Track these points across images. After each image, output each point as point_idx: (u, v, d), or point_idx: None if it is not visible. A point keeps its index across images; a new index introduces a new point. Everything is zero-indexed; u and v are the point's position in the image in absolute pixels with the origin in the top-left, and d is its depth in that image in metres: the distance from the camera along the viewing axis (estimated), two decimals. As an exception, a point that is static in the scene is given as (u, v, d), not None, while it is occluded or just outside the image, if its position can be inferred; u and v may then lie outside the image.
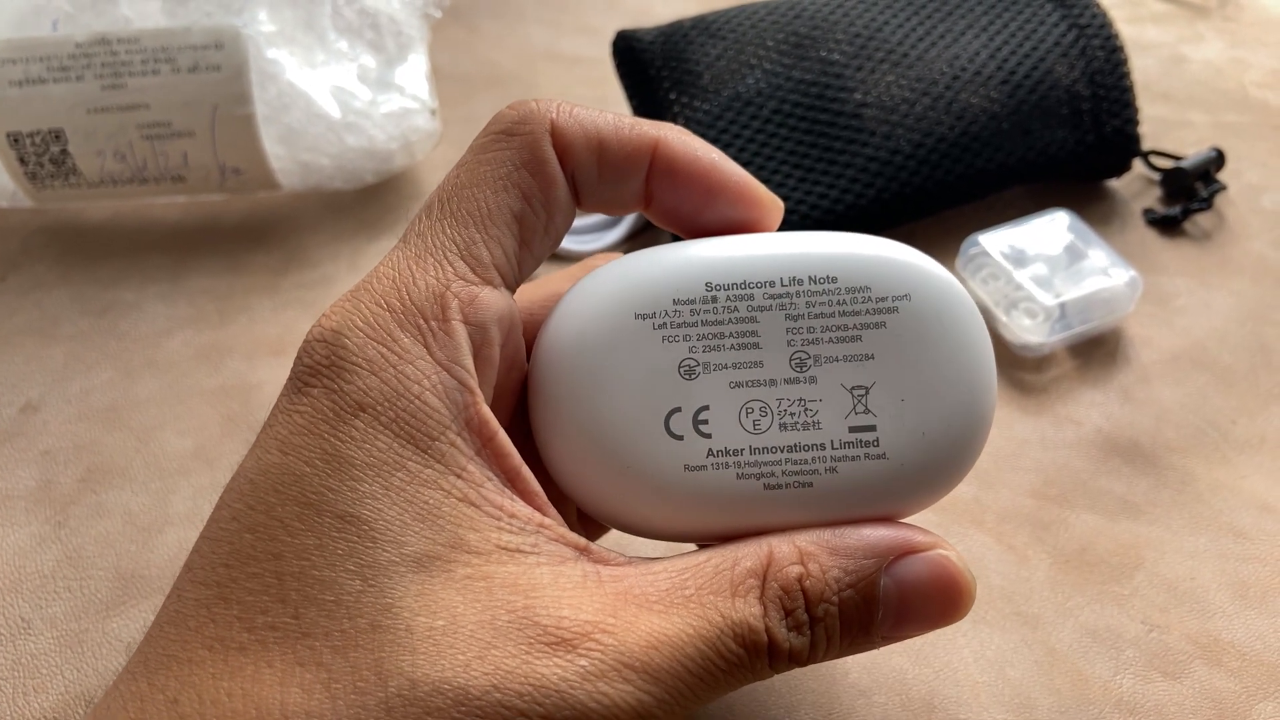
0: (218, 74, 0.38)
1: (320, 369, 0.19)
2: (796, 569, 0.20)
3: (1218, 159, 0.44)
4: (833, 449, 0.21)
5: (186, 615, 0.18)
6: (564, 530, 0.20)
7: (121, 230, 0.43)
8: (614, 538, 0.31)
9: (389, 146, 0.42)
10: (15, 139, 0.38)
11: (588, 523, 0.27)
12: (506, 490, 0.19)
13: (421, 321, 0.20)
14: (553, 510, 0.20)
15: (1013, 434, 0.35)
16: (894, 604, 0.20)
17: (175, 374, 0.37)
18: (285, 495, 0.18)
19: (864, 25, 0.43)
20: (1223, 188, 0.44)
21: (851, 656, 0.28)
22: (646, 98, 0.43)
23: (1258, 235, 0.43)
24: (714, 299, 0.21)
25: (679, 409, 0.21)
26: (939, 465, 0.21)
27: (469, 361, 0.20)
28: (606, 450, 0.21)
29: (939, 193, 0.40)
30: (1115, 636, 0.29)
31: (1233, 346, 0.38)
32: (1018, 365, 0.37)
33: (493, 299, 0.20)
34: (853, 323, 0.21)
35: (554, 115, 0.21)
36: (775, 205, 0.23)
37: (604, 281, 0.22)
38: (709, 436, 0.21)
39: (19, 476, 0.33)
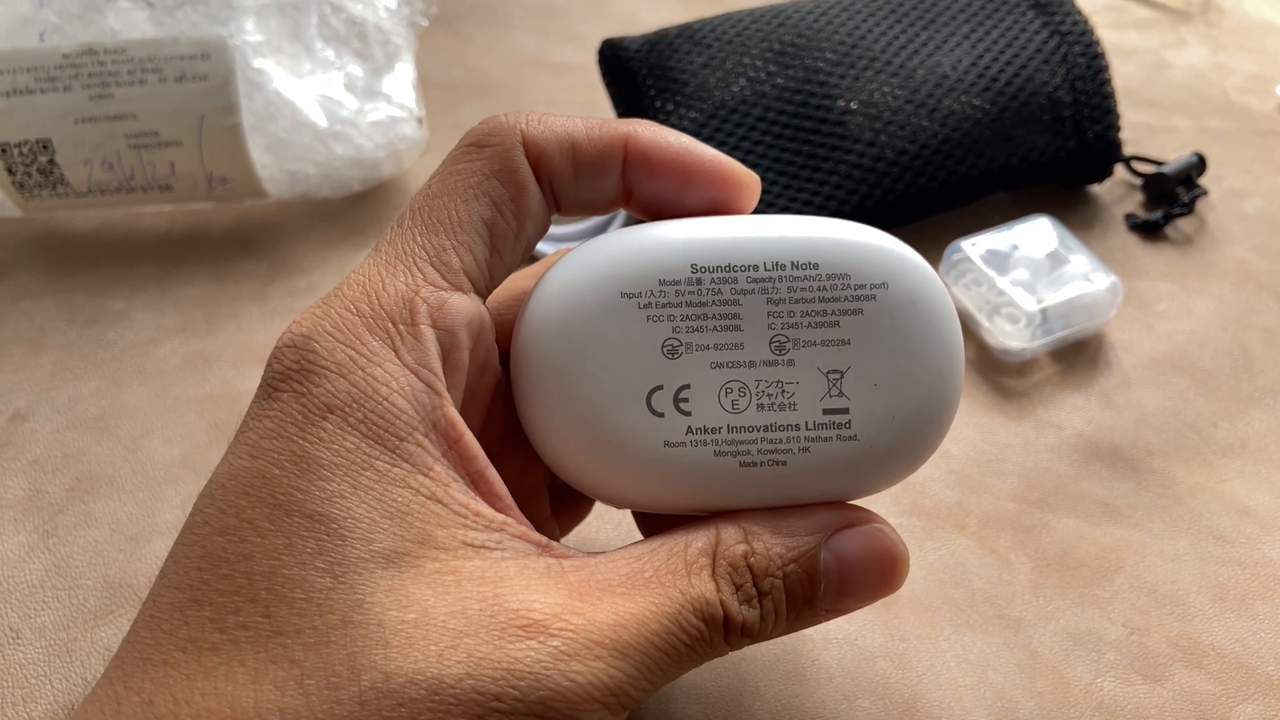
0: (204, 84, 0.38)
1: (290, 373, 0.19)
2: (742, 547, 0.20)
3: (1199, 164, 0.45)
4: (807, 430, 0.21)
5: (160, 619, 0.18)
6: (525, 529, 0.20)
7: (109, 239, 0.43)
8: (573, 539, 0.31)
9: (376, 155, 0.42)
10: (3, 149, 0.38)
11: (562, 517, 0.28)
12: (470, 491, 0.20)
13: (390, 325, 0.20)
14: (517, 512, 0.20)
15: (995, 438, 0.35)
16: (834, 576, 0.21)
17: (163, 382, 0.37)
18: (255, 497, 0.19)
19: (848, 33, 0.43)
20: (1204, 193, 0.44)
21: (835, 661, 0.29)
22: (632, 106, 0.43)
23: (1239, 240, 0.43)
24: (699, 281, 0.21)
25: (661, 387, 0.21)
26: (906, 447, 0.22)
27: (437, 365, 0.20)
28: (589, 425, 0.21)
29: (922, 199, 0.41)
30: (1096, 639, 0.30)
31: (1214, 351, 0.39)
32: (1000, 370, 0.38)
33: (462, 304, 0.21)
34: (832, 309, 0.21)
35: (524, 126, 0.22)
36: (753, 181, 0.24)
37: (590, 259, 0.22)
38: (689, 414, 0.21)
39: (7, 486, 0.33)
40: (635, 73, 0.43)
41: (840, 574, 0.21)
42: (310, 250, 0.42)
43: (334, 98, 0.41)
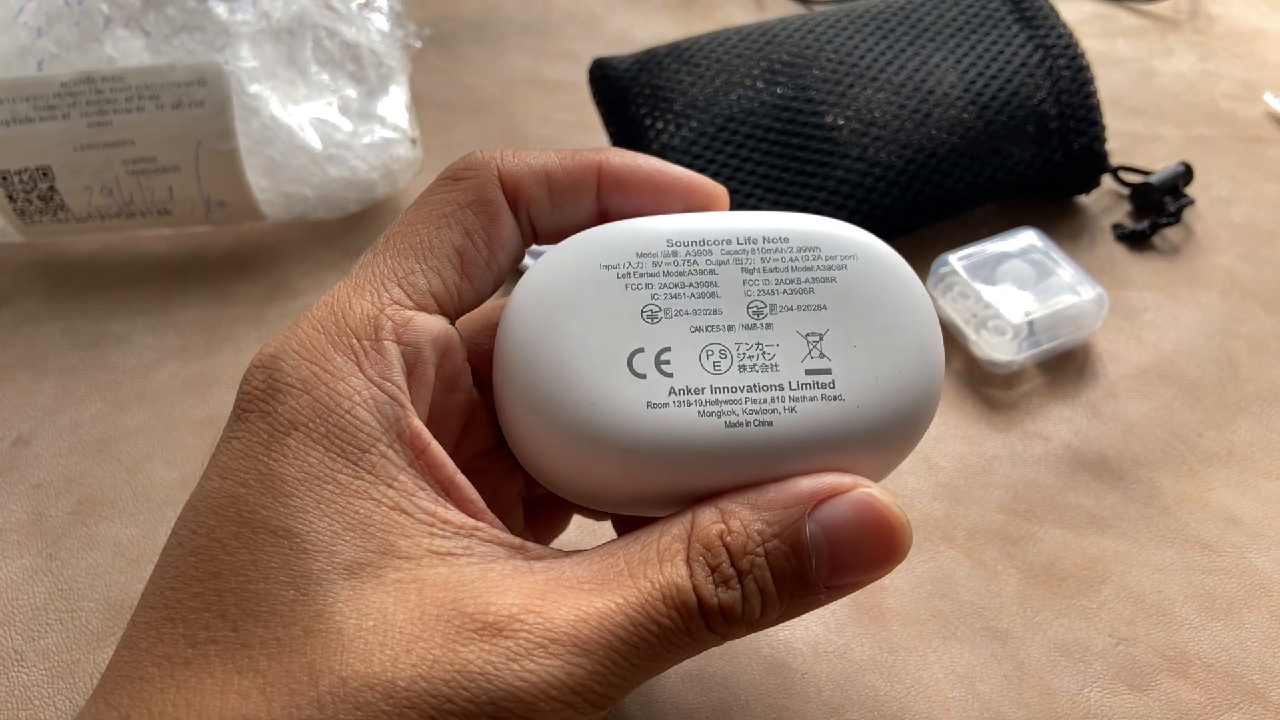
0: (201, 110, 0.39)
1: (257, 394, 0.20)
2: (718, 526, 0.20)
3: (1186, 173, 0.45)
4: (791, 390, 0.21)
5: (138, 638, 0.19)
6: (498, 532, 0.20)
7: (110, 263, 0.43)
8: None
9: (371, 176, 0.43)
10: (4, 176, 0.39)
11: (538, 532, 0.28)
12: (440, 499, 0.20)
13: (354, 341, 0.20)
14: (490, 515, 0.21)
15: (982, 450, 0.36)
16: (825, 549, 0.20)
17: (163, 405, 0.37)
18: (224, 517, 0.19)
19: (835, 50, 0.43)
20: (1191, 202, 0.44)
21: (824, 674, 0.29)
22: (623, 125, 0.43)
23: (1226, 249, 0.44)
24: (674, 253, 0.22)
25: (641, 349, 0.21)
26: (894, 411, 0.21)
27: (400, 378, 0.21)
28: (571, 391, 0.21)
29: (910, 212, 0.41)
30: (1083, 650, 0.30)
31: (1200, 360, 0.39)
32: (987, 382, 0.38)
33: (427, 322, 0.21)
34: (805, 277, 0.22)
35: (499, 161, 0.23)
36: (721, 193, 0.25)
37: (569, 243, 0.23)
38: (671, 375, 0.21)
39: (11, 510, 0.34)
40: (626, 91, 0.43)
41: (831, 546, 0.20)
42: (307, 271, 0.43)
43: (329, 121, 0.42)
